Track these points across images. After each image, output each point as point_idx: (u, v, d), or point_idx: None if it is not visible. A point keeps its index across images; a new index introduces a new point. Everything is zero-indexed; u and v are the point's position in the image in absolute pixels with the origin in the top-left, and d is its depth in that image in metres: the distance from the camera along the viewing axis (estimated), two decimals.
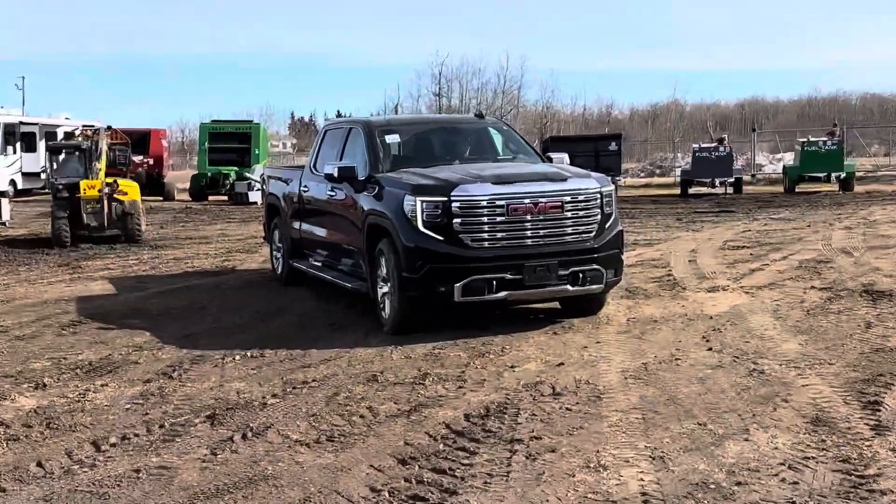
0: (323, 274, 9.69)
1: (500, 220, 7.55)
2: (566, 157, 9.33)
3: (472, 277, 7.44)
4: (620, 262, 8.18)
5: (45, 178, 19.52)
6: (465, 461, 4.75)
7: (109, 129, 18.23)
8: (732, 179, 28.51)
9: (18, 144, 32.11)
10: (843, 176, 28.28)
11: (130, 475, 4.69)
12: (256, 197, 27.21)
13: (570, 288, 7.76)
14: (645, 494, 4.28)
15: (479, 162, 9.00)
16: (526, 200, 7.60)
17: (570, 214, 7.76)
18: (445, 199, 7.53)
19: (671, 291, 9.75)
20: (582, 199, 7.83)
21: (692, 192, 29.11)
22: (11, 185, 31.11)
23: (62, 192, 15.86)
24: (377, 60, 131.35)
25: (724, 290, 9.75)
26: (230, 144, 31.90)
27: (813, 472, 4.50)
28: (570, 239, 7.77)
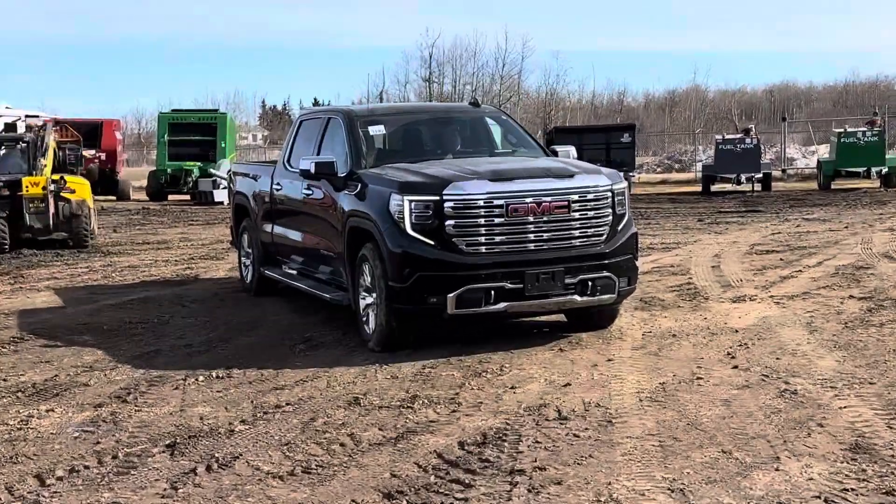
0: (298, 283, 9.68)
1: (498, 221, 7.56)
2: (573, 150, 9.36)
3: (466, 287, 7.45)
4: (635, 268, 8.20)
5: None
6: (459, 495, 4.75)
7: (57, 123, 18.20)
8: (760, 175, 28.64)
9: None
10: (884, 171, 28.40)
11: None
12: (223, 196, 27.21)
13: (577, 298, 7.77)
14: None
15: (474, 156, 9.01)
16: (528, 200, 7.61)
17: (577, 215, 7.77)
18: (437, 198, 7.53)
19: (692, 302, 9.77)
20: (591, 197, 7.84)
21: (715, 189, 29.21)
22: None
23: (1, 189, 15.82)
24: (359, 41, 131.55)
25: (751, 300, 9.78)
26: (193, 137, 31.92)
27: None
28: (577, 243, 7.79)
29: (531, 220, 7.62)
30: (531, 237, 7.65)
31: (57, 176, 16.20)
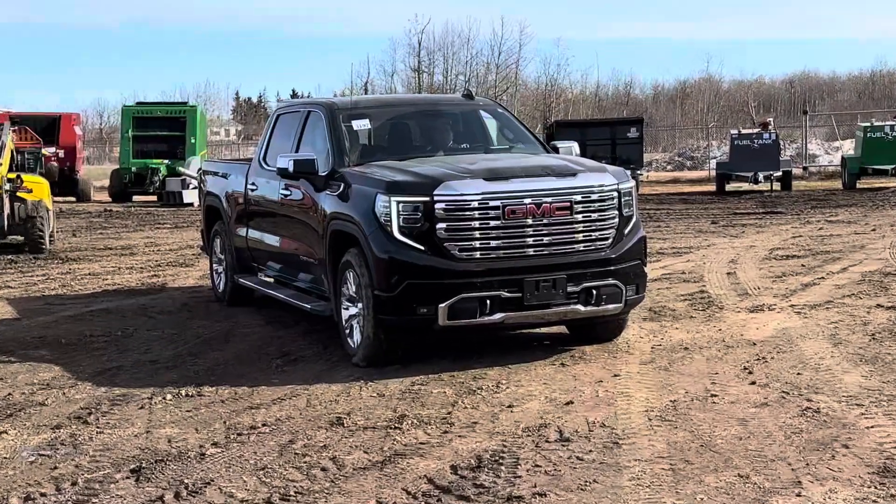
0: (276, 292, 9.68)
1: (494, 224, 7.56)
2: (575, 146, 9.37)
3: (460, 296, 7.45)
4: (643, 275, 8.21)
5: None
6: None
7: (14, 123, 18.14)
8: (779, 173, 28.72)
9: None
10: None
11: None
12: (192, 197, 27.19)
13: (581, 308, 7.78)
14: None
15: (467, 153, 9.02)
16: (526, 200, 7.62)
17: (580, 217, 7.78)
18: (427, 198, 7.54)
19: (705, 312, 9.79)
20: (595, 198, 7.86)
21: (730, 188, 29.29)
22: None
23: None
24: (342, 28, 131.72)
25: (769, 309, 9.81)
26: (160, 132, 31.88)
27: None
28: (580, 248, 7.80)
29: (530, 222, 7.63)
30: (530, 241, 7.65)
31: (13, 175, 16.16)
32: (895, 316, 9.28)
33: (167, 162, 30.89)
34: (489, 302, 7.51)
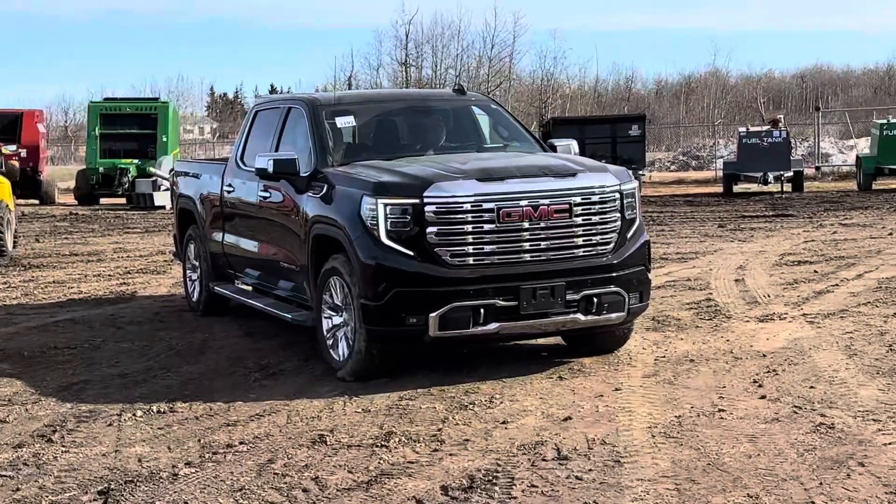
0: (254, 301, 9.67)
1: (488, 228, 7.56)
2: (574, 144, 9.38)
3: (452, 305, 7.44)
4: (647, 282, 8.23)
5: None
6: None
7: None
8: (790, 173, 28.79)
9: None
10: None
11: None
12: (164, 200, 27.12)
13: (581, 317, 7.78)
14: None
15: (459, 152, 9.02)
16: (522, 202, 7.62)
17: (580, 220, 7.79)
18: (416, 201, 7.54)
19: (712, 321, 9.81)
20: (596, 199, 7.86)
21: (738, 190, 29.36)
22: None
23: None
24: (323, 19, 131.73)
25: (780, 318, 9.83)
26: (129, 130, 31.82)
27: None
28: (580, 253, 7.80)
29: (527, 226, 7.63)
30: (527, 246, 7.66)
31: None
32: None
33: (137, 162, 30.81)
34: (483, 311, 7.51)
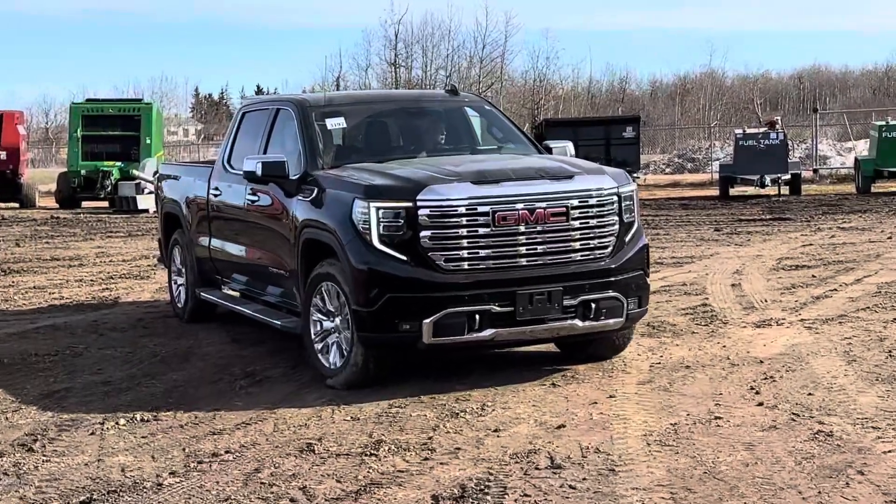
0: (241, 308, 9.64)
1: (483, 232, 7.55)
2: (570, 146, 9.37)
3: (446, 311, 7.43)
4: (646, 287, 8.22)
5: None
6: None
7: None
8: (788, 176, 28.85)
9: None
10: None
11: None
12: (148, 203, 27.08)
13: (578, 323, 7.77)
14: None
15: (453, 154, 9.02)
16: (518, 206, 7.62)
17: (577, 224, 7.78)
18: (410, 204, 7.52)
19: (708, 327, 9.83)
20: (594, 202, 7.86)
21: (734, 193, 29.41)
22: None
23: None
24: (310, 18, 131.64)
25: (778, 324, 9.85)
26: (112, 132, 31.76)
27: None
28: (578, 257, 7.80)
29: (523, 229, 7.62)
30: (523, 251, 7.65)
31: None
32: None
33: (120, 164, 30.76)
34: (478, 317, 7.49)
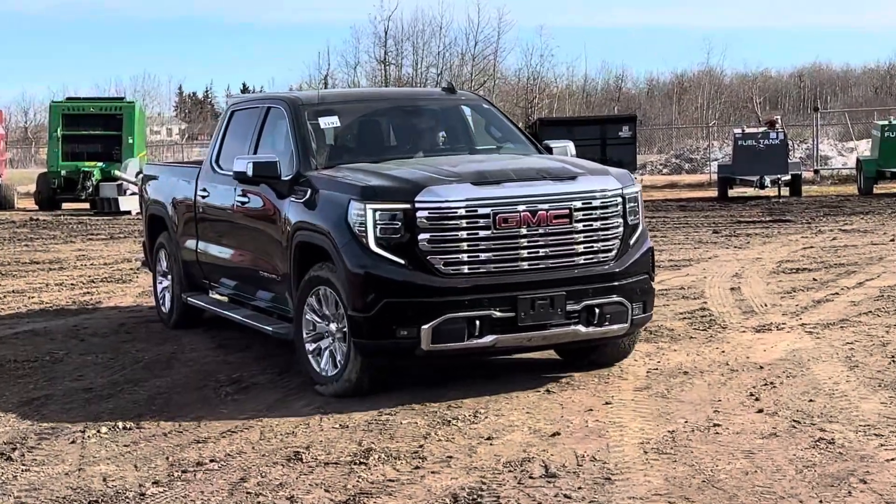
0: (231, 313, 9.59)
1: (484, 235, 7.52)
2: (571, 145, 9.34)
3: (445, 316, 7.39)
4: (651, 291, 8.18)
5: None
6: None
7: None
8: (788, 177, 28.89)
9: None
10: None
11: None
12: (131, 204, 27.08)
13: (582, 329, 7.74)
14: None
15: (451, 154, 9.00)
16: (520, 207, 7.59)
17: (581, 226, 7.76)
18: (408, 205, 7.49)
19: (707, 332, 9.83)
20: (597, 204, 7.83)
21: (733, 194, 29.45)
22: None
23: None
24: (297, 15, 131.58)
25: (778, 329, 9.86)
26: (93, 131, 31.73)
27: None
28: (581, 261, 7.78)
29: (524, 232, 7.60)
30: (525, 254, 7.62)
31: None
32: None
33: (101, 165, 30.72)
34: (479, 323, 7.45)
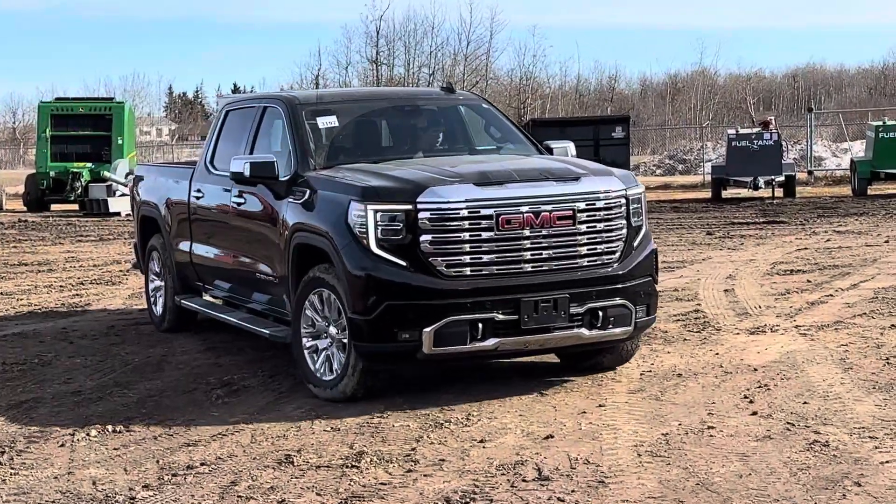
0: (226, 316, 9.55)
1: (486, 236, 7.50)
2: (571, 146, 9.32)
3: (448, 319, 7.36)
4: (654, 294, 8.16)
5: None
6: None
7: None
8: (782, 178, 28.91)
9: None
10: None
11: None
12: (121, 206, 27.04)
13: (585, 332, 7.72)
14: None
15: (451, 154, 8.98)
16: (523, 208, 7.58)
17: (584, 228, 7.74)
18: (409, 206, 7.47)
19: (700, 333, 9.85)
20: (601, 205, 7.82)
21: (727, 195, 29.48)
22: None
23: None
24: (288, 14, 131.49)
25: (772, 331, 9.87)
26: (82, 132, 31.71)
27: None
28: (585, 263, 7.76)
29: (527, 234, 7.58)
30: (528, 256, 7.60)
31: None
32: None
33: (91, 165, 30.69)
34: (481, 326, 7.43)
